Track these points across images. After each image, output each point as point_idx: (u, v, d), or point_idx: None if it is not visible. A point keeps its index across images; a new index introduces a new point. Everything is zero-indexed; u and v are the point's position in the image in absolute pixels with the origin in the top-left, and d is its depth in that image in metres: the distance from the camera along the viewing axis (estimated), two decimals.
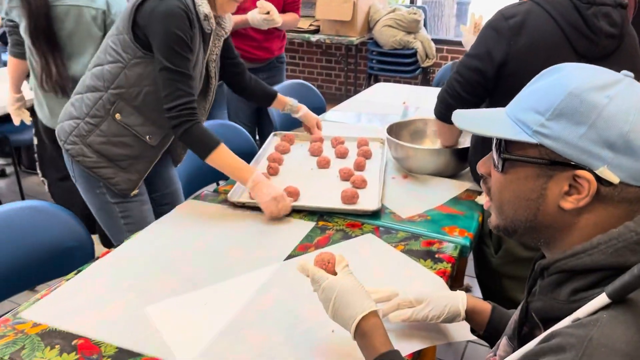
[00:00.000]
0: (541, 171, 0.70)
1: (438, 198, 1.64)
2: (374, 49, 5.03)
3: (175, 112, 1.43)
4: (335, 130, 2.22)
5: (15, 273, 1.47)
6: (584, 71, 0.69)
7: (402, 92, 2.96)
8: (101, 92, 1.53)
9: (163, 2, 1.41)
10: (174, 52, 1.42)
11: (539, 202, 0.71)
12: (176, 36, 1.41)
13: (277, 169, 1.81)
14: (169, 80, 1.43)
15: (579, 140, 0.65)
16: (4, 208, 1.49)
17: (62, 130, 1.62)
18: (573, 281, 0.68)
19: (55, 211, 1.56)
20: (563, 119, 0.66)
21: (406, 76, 5.06)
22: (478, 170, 0.81)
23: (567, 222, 0.70)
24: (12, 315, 1.12)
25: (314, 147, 1.98)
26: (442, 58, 5.15)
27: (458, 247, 1.39)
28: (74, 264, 1.43)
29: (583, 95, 0.66)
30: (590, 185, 0.66)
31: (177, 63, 1.42)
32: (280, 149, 1.99)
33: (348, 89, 5.41)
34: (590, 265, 0.66)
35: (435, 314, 1.02)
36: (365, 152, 1.92)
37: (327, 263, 0.97)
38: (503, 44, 1.37)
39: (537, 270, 0.76)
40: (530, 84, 0.75)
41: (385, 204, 1.60)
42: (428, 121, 2.00)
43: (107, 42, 1.54)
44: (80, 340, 1.04)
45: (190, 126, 1.45)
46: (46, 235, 1.53)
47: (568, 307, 0.67)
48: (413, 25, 4.82)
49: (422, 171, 1.79)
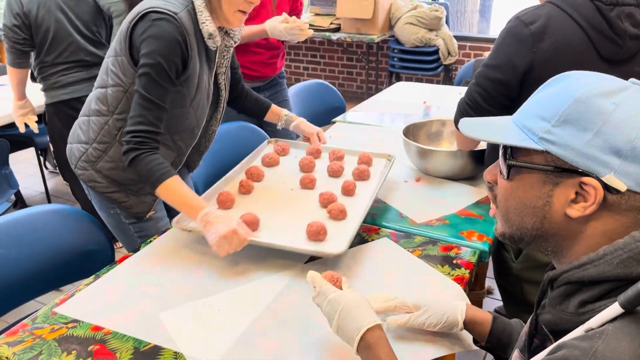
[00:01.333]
0: (547, 178, 0.69)
1: (454, 203, 1.61)
2: (395, 47, 5.00)
3: (129, 137, 1.33)
4: (345, 139, 2.19)
5: (41, 274, 1.50)
6: (590, 78, 0.69)
7: (424, 91, 2.93)
8: (106, 117, 1.47)
9: (156, 24, 1.32)
10: (152, 80, 1.32)
11: (545, 210, 0.70)
12: (158, 65, 1.32)
13: (250, 188, 1.59)
14: (137, 104, 1.34)
15: (585, 147, 0.65)
16: (30, 211, 1.53)
17: (71, 153, 1.58)
18: (581, 293, 0.67)
19: (78, 215, 1.60)
20: (569, 125, 0.66)
21: (428, 74, 5.00)
22: (485, 178, 0.81)
23: (574, 231, 0.69)
24: (31, 321, 1.13)
25: (305, 162, 1.71)
26: (465, 55, 5.09)
27: (477, 253, 1.36)
28: (95, 267, 1.45)
29: (589, 101, 0.65)
30: (597, 193, 0.65)
31: (151, 91, 1.33)
32: (267, 160, 1.77)
33: (369, 87, 5.38)
34: (597, 277, 0.65)
35: (432, 321, 1.02)
36: (362, 173, 1.65)
37: (335, 281, 0.99)
38: (526, 51, 1.31)
39: (545, 282, 0.75)
40: (537, 92, 0.74)
41: (399, 208, 1.58)
42: (446, 122, 1.98)
43: (107, 62, 1.46)
44: (96, 347, 1.05)
45: (139, 154, 1.32)
46: (69, 238, 1.56)
47: (577, 319, 0.66)
48: (435, 22, 4.76)
49: (438, 174, 1.76)
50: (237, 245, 1.24)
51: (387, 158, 1.77)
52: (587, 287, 0.67)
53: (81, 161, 1.54)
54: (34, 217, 1.54)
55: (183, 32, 1.34)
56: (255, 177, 1.65)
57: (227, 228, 1.22)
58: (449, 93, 2.86)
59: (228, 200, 1.49)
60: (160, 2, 1.35)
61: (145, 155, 1.32)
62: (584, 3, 1.29)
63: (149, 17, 1.32)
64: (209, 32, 1.40)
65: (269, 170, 1.73)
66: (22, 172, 3.76)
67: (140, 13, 1.33)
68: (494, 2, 7.40)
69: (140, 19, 1.34)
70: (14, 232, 1.48)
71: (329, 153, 1.80)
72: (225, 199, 1.49)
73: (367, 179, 1.64)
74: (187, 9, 1.38)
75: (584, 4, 1.29)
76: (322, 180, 1.65)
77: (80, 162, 1.54)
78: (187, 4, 1.38)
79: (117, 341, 1.07)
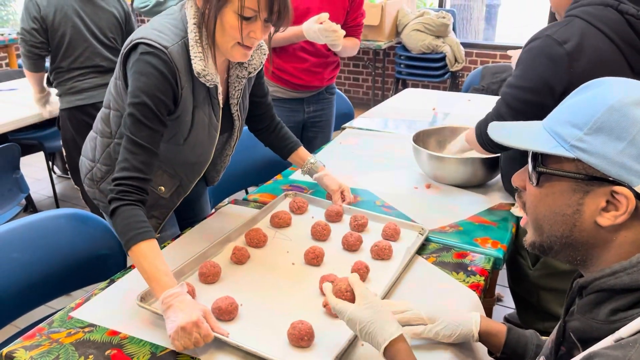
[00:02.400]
0: (577, 186, 0.68)
1: (466, 210, 1.61)
2: (402, 54, 5.01)
3: (113, 185, 1.19)
4: (355, 146, 2.18)
5: (52, 278, 1.50)
6: (625, 85, 0.68)
7: (432, 98, 2.94)
8: (109, 139, 1.42)
9: (143, 58, 1.21)
10: (137, 121, 1.20)
11: (575, 218, 0.70)
12: (143, 105, 1.20)
13: (244, 258, 1.34)
14: (123, 148, 1.22)
15: (618, 156, 0.64)
16: (43, 215, 1.53)
17: (81, 166, 1.55)
18: (612, 301, 0.67)
19: (90, 220, 1.60)
20: (602, 133, 0.65)
21: (435, 81, 5.01)
22: (513, 183, 0.80)
23: (604, 239, 0.69)
24: (47, 325, 1.14)
25: (317, 228, 1.44)
26: (472, 62, 5.09)
27: (491, 260, 1.36)
28: (106, 272, 1.45)
29: (624, 109, 0.65)
30: (629, 202, 0.65)
31: (136, 133, 1.20)
32: (276, 220, 1.50)
33: (376, 94, 5.39)
34: (630, 285, 0.65)
35: (446, 333, 1.02)
36: (381, 251, 1.34)
37: (345, 292, 0.98)
38: (562, 72, 1.27)
39: (575, 289, 0.74)
40: (570, 97, 0.74)
41: (409, 215, 1.58)
42: (457, 129, 1.98)
43: (111, 83, 1.39)
44: (113, 351, 1.05)
45: (118, 206, 1.17)
46: (81, 242, 1.56)
47: (607, 327, 0.66)
48: (442, 29, 4.78)
49: (449, 181, 1.76)
50: (197, 341, 1.02)
51: (419, 231, 1.46)
52: (619, 294, 0.66)
53: (87, 178, 1.52)
54: (47, 221, 1.54)
55: (172, 68, 1.22)
56: (255, 243, 1.40)
57: (188, 318, 1.02)
58: (457, 100, 2.86)
59: (210, 274, 1.25)
60: (154, 32, 1.24)
61: (126, 208, 1.16)
62: (615, 18, 1.26)
63: (139, 49, 1.22)
64: (196, 70, 1.25)
65: (276, 232, 1.48)
66: (30, 176, 3.77)
67: (133, 42, 1.24)
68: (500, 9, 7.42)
69: (131, 49, 1.24)
70: (28, 237, 1.48)
71: (350, 218, 1.51)
72: (207, 272, 1.25)
73: (388, 259, 1.35)
74: (182, 40, 1.25)
75: (615, 19, 1.26)
76: (332, 254, 1.37)
77: (86, 180, 1.53)
78: (184, 35, 1.25)
79: (134, 346, 1.07)
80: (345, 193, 1.59)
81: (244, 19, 1.20)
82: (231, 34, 1.22)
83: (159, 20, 1.29)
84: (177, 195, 1.51)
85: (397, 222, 1.49)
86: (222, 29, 1.22)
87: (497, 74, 3.72)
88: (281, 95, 2.34)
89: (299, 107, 2.39)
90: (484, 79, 3.75)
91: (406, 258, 1.33)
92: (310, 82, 2.31)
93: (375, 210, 1.61)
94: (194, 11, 1.25)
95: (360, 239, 1.41)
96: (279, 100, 2.33)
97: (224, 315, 1.12)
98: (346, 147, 2.18)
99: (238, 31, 1.21)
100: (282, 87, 2.32)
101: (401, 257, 1.35)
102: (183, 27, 1.26)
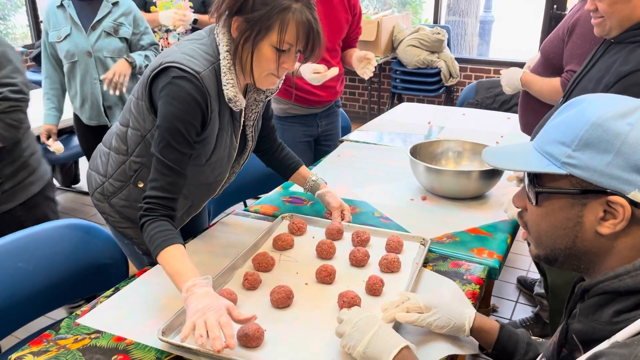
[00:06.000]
0: (575, 200, 0.72)
1: (462, 221, 1.65)
2: (397, 68, 5.08)
3: (143, 202, 1.25)
4: (353, 158, 2.22)
5: (53, 289, 1.53)
6: (604, 101, 0.72)
7: (427, 112, 2.99)
8: (124, 157, 1.42)
9: (175, 82, 1.22)
10: (169, 145, 1.24)
11: (576, 230, 0.73)
12: (175, 130, 1.23)
13: (257, 283, 1.32)
14: (154, 167, 1.26)
15: (607, 168, 0.68)
16: (46, 226, 1.56)
17: (90, 180, 1.55)
18: (615, 303, 0.70)
19: (93, 230, 1.62)
20: (589, 148, 0.69)
21: (430, 95, 5.08)
22: (514, 204, 0.84)
23: (605, 247, 0.72)
24: (54, 331, 1.16)
25: (323, 247, 1.44)
26: (466, 77, 5.17)
27: (486, 269, 1.40)
28: (109, 282, 1.48)
29: (605, 124, 0.68)
30: (625, 210, 0.68)
31: (168, 156, 1.24)
32: (279, 244, 1.49)
33: (372, 108, 5.45)
34: (633, 287, 0.68)
35: (439, 324, 1.06)
36: (390, 264, 1.37)
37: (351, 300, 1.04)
38: None
39: (577, 293, 0.78)
40: (554, 117, 0.77)
41: (407, 227, 1.61)
42: (452, 142, 2.02)
43: (130, 102, 1.40)
44: (119, 357, 1.08)
45: (146, 221, 1.23)
46: (83, 252, 1.59)
47: (610, 328, 0.68)
48: (437, 45, 4.85)
49: (445, 193, 1.80)
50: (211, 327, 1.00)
51: (420, 242, 1.50)
52: (622, 297, 0.69)
53: (97, 192, 1.52)
54: (50, 231, 1.56)
55: (204, 93, 1.25)
56: (264, 267, 1.39)
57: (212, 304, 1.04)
58: (452, 114, 2.92)
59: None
60: (185, 57, 1.25)
61: (151, 222, 1.23)
62: None
63: (170, 72, 1.23)
64: (228, 96, 1.29)
65: (281, 255, 1.48)
66: None
67: (163, 65, 1.24)
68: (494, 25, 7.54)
69: (161, 72, 1.25)
70: (32, 246, 1.51)
71: (352, 234, 1.52)
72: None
73: (397, 272, 1.38)
74: (212, 66, 1.27)
75: None
76: (342, 271, 1.38)
77: (96, 194, 1.52)
78: (214, 61, 1.28)
79: (140, 351, 1.10)
80: (345, 212, 1.61)
81: (280, 52, 1.25)
82: (265, 65, 1.26)
83: (187, 45, 1.30)
84: (188, 214, 1.54)
85: (398, 234, 1.51)
86: (257, 60, 1.26)
87: (491, 89, 3.79)
88: (296, 112, 2.40)
89: (313, 122, 2.46)
90: (478, 94, 3.82)
91: (416, 269, 1.35)
92: (325, 97, 2.39)
93: (374, 221, 1.65)
94: (227, 39, 1.28)
95: (368, 254, 1.42)
96: (294, 117, 2.40)
97: (252, 342, 1.09)
98: (344, 159, 2.22)
99: (273, 63, 1.26)
100: (297, 104, 2.37)
101: (409, 269, 1.38)
102: (213, 52, 1.29)
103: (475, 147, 1.98)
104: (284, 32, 1.21)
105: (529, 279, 2.68)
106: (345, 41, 2.40)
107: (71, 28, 2.52)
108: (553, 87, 1.90)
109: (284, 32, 1.21)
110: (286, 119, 2.41)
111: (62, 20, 2.53)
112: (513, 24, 9.14)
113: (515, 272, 2.84)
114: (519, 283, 2.73)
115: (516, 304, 2.61)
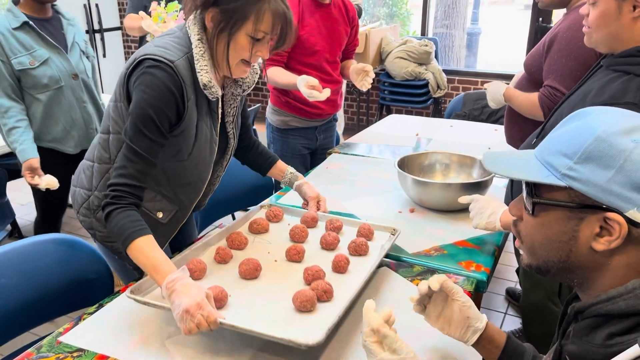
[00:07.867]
0: (572, 214, 0.71)
1: (449, 234, 1.65)
2: (385, 80, 5.10)
3: (108, 190, 1.24)
4: (340, 170, 2.22)
5: (36, 305, 1.50)
6: (610, 115, 0.71)
7: (415, 123, 3.00)
8: (107, 165, 1.41)
9: (149, 71, 1.24)
10: (139, 131, 1.24)
11: (570, 244, 0.72)
12: (147, 116, 1.24)
13: (227, 257, 1.40)
14: (122, 154, 1.26)
15: (607, 184, 0.67)
16: (29, 241, 1.54)
17: (75, 197, 1.53)
18: (609, 325, 0.68)
19: (77, 244, 1.60)
20: (591, 162, 0.68)
21: (418, 107, 5.10)
22: (510, 212, 0.82)
23: (599, 263, 0.71)
24: (36, 350, 1.14)
25: (296, 231, 1.52)
26: (454, 88, 5.20)
27: (474, 282, 1.40)
28: (94, 297, 1.46)
29: (610, 139, 0.67)
30: (621, 228, 0.67)
31: (138, 143, 1.24)
32: (254, 227, 1.57)
33: (360, 119, 5.47)
34: (626, 310, 0.67)
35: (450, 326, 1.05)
36: (358, 247, 1.44)
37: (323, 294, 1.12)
38: None
39: (570, 314, 0.76)
40: (558, 127, 0.76)
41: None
42: (439, 154, 2.03)
43: (109, 107, 1.39)
44: None
45: (112, 210, 1.22)
46: (68, 267, 1.56)
47: (604, 351, 0.67)
48: (425, 57, 4.89)
49: (433, 205, 1.80)
50: (200, 323, 1.06)
51: (391, 232, 1.55)
52: (615, 319, 0.68)
53: (83, 208, 1.50)
54: (34, 246, 1.54)
55: (178, 82, 1.26)
56: (236, 244, 1.46)
57: (192, 301, 1.07)
58: (440, 125, 2.93)
59: (197, 270, 1.31)
60: (158, 49, 1.28)
61: (120, 211, 1.21)
62: None
63: (144, 63, 1.25)
64: (202, 82, 1.30)
65: (255, 237, 1.54)
66: (15, 201, 3.73)
67: (137, 60, 1.27)
68: (481, 37, 7.61)
69: (136, 66, 1.27)
70: (16, 262, 1.49)
71: (325, 222, 1.59)
72: (194, 267, 1.31)
73: (365, 255, 1.44)
74: (186, 56, 1.30)
75: None
76: (312, 252, 1.45)
77: (82, 209, 1.50)
78: (188, 51, 1.30)
79: None
80: (321, 202, 1.67)
81: (255, 41, 1.29)
82: (240, 53, 1.31)
83: (160, 39, 1.33)
84: (176, 221, 1.52)
85: (371, 224, 1.57)
86: (232, 49, 1.30)
87: (478, 100, 3.81)
88: (297, 124, 2.40)
89: (312, 135, 2.47)
90: (466, 105, 3.84)
91: (382, 254, 1.41)
92: (326, 110, 2.42)
93: None
94: (198, 29, 1.31)
95: (338, 238, 1.49)
96: (294, 130, 2.41)
97: (215, 302, 1.15)
98: (332, 171, 2.22)
99: (247, 51, 1.30)
100: (298, 116, 2.38)
101: (377, 253, 1.44)
102: (186, 43, 1.32)
103: (462, 159, 1.99)
104: (260, 21, 1.26)
105: (518, 291, 2.68)
106: (343, 53, 2.43)
107: (47, 51, 2.25)
108: (531, 103, 1.90)
109: (260, 21, 1.26)
110: (287, 131, 2.41)
111: (27, 43, 2.20)
112: (500, 36, 9.25)
113: (504, 283, 2.85)
114: (507, 294, 2.73)
115: (505, 315, 2.61)
